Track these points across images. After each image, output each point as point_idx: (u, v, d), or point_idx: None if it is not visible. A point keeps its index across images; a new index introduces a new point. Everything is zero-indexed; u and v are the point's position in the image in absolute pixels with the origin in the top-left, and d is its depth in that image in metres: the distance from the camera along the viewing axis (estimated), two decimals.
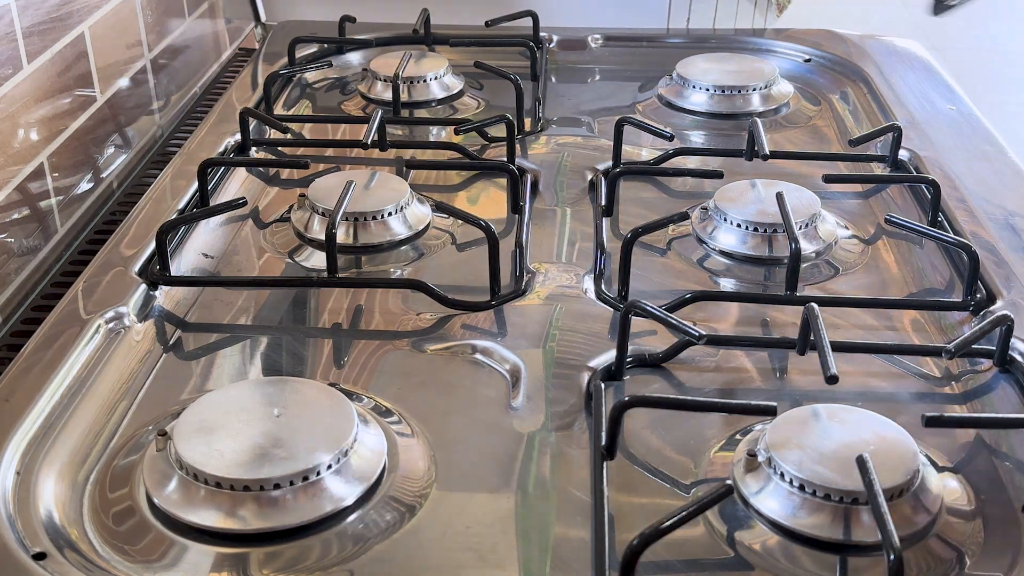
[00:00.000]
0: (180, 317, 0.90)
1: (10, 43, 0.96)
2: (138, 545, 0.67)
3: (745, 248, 0.98)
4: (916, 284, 0.96)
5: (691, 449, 0.75)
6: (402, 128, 1.25)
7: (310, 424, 0.71)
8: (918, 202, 1.08)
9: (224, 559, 0.66)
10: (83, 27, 1.09)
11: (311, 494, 0.68)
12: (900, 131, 1.14)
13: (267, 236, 1.02)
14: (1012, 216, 1.03)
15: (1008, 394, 0.81)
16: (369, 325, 0.90)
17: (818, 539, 0.66)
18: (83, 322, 0.84)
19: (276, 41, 1.46)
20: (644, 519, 0.67)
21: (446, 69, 1.35)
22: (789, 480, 0.68)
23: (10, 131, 0.96)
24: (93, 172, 1.12)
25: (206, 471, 0.67)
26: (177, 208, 1.03)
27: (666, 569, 0.65)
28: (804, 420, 0.72)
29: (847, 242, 1.02)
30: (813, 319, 0.77)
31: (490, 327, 0.89)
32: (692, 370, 0.84)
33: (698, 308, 0.90)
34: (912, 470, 0.68)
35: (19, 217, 0.98)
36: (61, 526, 0.68)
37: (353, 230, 0.99)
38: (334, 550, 0.66)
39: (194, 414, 0.72)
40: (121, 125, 1.20)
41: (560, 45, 1.48)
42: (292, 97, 1.35)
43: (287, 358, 0.86)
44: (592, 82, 1.42)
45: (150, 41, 1.27)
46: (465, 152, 1.15)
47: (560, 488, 0.72)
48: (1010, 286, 0.91)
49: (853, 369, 0.83)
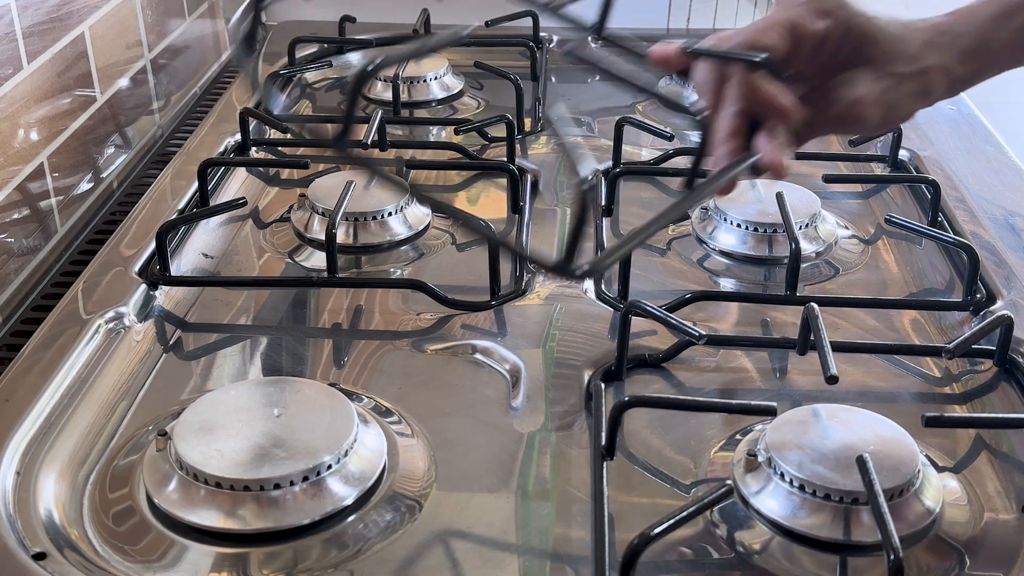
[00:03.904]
0: (180, 317, 0.90)
1: (10, 43, 0.96)
2: (138, 545, 0.67)
3: (745, 248, 0.98)
4: (916, 284, 0.96)
5: (691, 449, 0.75)
6: (402, 128, 1.25)
7: (310, 424, 0.71)
8: (918, 202, 1.08)
9: (224, 559, 0.66)
10: (83, 27, 1.09)
11: (311, 494, 0.68)
12: (900, 131, 1.14)
13: (267, 236, 1.02)
14: (1012, 216, 1.03)
15: (1008, 394, 0.81)
16: (369, 325, 0.90)
17: (818, 539, 0.66)
18: (83, 322, 0.84)
19: (276, 41, 1.46)
20: (644, 519, 0.67)
21: (446, 69, 1.35)
22: (789, 480, 0.68)
23: (10, 131, 0.96)
24: (93, 172, 1.12)
25: (206, 471, 0.67)
26: (177, 208, 1.03)
27: (666, 569, 0.65)
28: (804, 420, 0.72)
29: (847, 242, 1.02)
30: (813, 319, 0.77)
31: (490, 327, 0.89)
32: (692, 370, 0.84)
33: (698, 308, 0.90)
34: (912, 470, 0.68)
35: (19, 217, 0.98)
36: (61, 526, 0.68)
37: (353, 230, 0.99)
38: (334, 550, 0.66)
39: (194, 414, 0.72)
40: (121, 125, 1.20)
41: (560, 45, 1.48)
42: (292, 97, 1.35)
43: (287, 358, 0.86)
44: (592, 82, 1.42)
45: (150, 41, 1.27)
46: (465, 152, 1.15)
47: (560, 488, 0.72)
48: (1010, 286, 0.91)
49: (853, 369, 0.83)
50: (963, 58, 0.70)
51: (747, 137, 0.66)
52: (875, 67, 0.68)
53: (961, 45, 0.70)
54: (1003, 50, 0.71)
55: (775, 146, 0.65)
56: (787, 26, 0.65)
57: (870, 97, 0.67)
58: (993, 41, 0.71)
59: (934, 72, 0.69)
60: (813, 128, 0.69)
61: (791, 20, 0.65)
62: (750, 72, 0.65)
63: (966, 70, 0.71)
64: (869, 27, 0.68)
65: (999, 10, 0.71)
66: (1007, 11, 0.71)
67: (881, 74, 0.68)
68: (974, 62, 0.71)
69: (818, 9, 0.66)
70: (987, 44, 0.70)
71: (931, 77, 0.69)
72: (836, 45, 0.67)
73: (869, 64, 0.68)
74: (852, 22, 0.67)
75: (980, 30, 0.70)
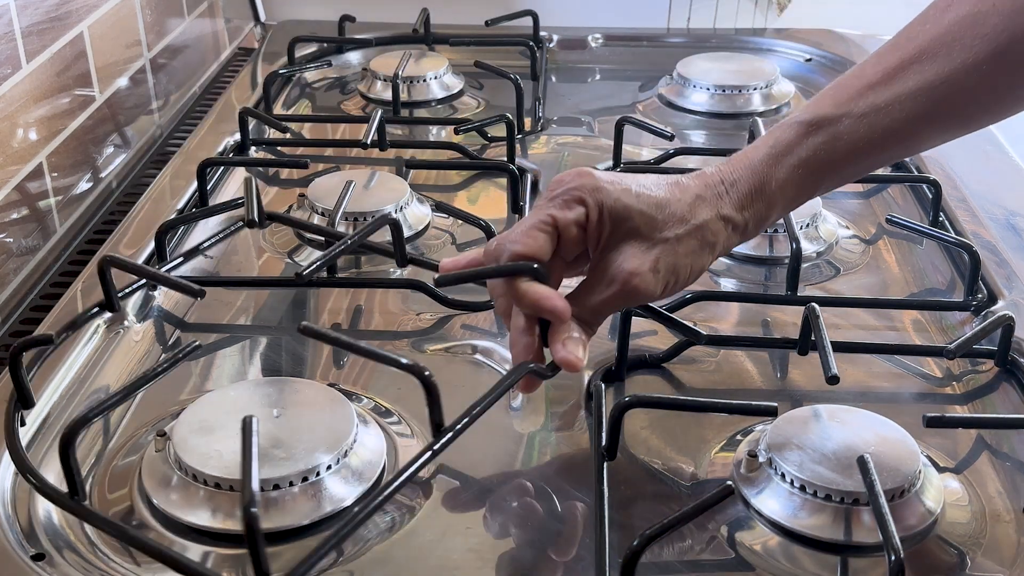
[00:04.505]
0: (179, 317, 0.90)
1: (9, 43, 0.96)
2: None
3: (745, 248, 0.98)
4: (917, 284, 0.96)
5: (691, 449, 0.75)
6: (402, 128, 1.25)
7: (310, 424, 0.71)
8: (919, 202, 1.08)
9: (224, 559, 0.66)
10: (82, 27, 1.09)
11: (311, 494, 0.67)
12: None
13: (267, 236, 1.02)
14: (1013, 216, 1.03)
15: (1009, 394, 0.81)
16: (369, 325, 0.90)
17: (819, 540, 0.66)
18: (83, 322, 0.84)
19: (276, 41, 1.46)
20: (644, 519, 0.67)
21: (446, 69, 1.35)
22: (790, 481, 0.68)
23: (9, 131, 0.96)
24: (92, 172, 1.12)
25: (205, 471, 0.67)
26: (176, 208, 1.03)
27: (666, 570, 0.65)
28: (805, 420, 0.72)
29: (848, 242, 1.01)
30: (814, 319, 0.76)
31: (490, 327, 0.88)
32: (692, 370, 0.84)
33: (698, 308, 0.90)
34: (913, 471, 0.68)
35: (18, 217, 0.97)
36: (60, 526, 0.68)
37: (353, 230, 0.99)
38: (334, 550, 0.66)
39: (193, 414, 0.72)
40: (120, 125, 1.20)
41: (560, 45, 1.48)
42: (292, 97, 1.35)
43: (287, 358, 0.86)
44: (592, 82, 1.42)
45: (149, 41, 1.27)
46: (465, 152, 1.15)
47: (560, 488, 0.71)
48: (1011, 286, 0.90)
49: (854, 369, 0.83)
50: (741, 204, 0.72)
51: (543, 331, 0.71)
52: (642, 238, 0.70)
53: (738, 191, 0.72)
54: (782, 189, 0.72)
55: (560, 345, 0.69)
56: (547, 222, 0.69)
57: (643, 268, 0.69)
58: (770, 181, 0.72)
59: (709, 225, 0.71)
60: (604, 305, 0.71)
61: (549, 216, 0.69)
62: (517, 280, 0.69)
63: (748, 215, 0.72)
64: (619, 206, 0.70)
65: (771, 151, 0.72)
66: (780, 151, 0.72)
67: (650, 244, 0.70)
68: (754, 206, 0.72)
69: (571, 200, 0.69)
70: (765, 185, 0.72)
71: (708, 230, 0.71)
72: (596, 227, 0.70)
73: (635, 237, 0.70)
74: (605, 205, 0.69)
75: (756, 173, 0.72)
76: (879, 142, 0.71)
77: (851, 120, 0.71)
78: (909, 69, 0.70)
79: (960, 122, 0.73)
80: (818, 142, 0.71)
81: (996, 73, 0.69)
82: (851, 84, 0.72)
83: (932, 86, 0.69)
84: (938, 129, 0.73)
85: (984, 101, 0.71)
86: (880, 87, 0.70)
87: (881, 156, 0.73)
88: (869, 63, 0.73)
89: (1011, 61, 0.69)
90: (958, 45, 0.69)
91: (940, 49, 0.69)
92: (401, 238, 0.89)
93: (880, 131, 0.70)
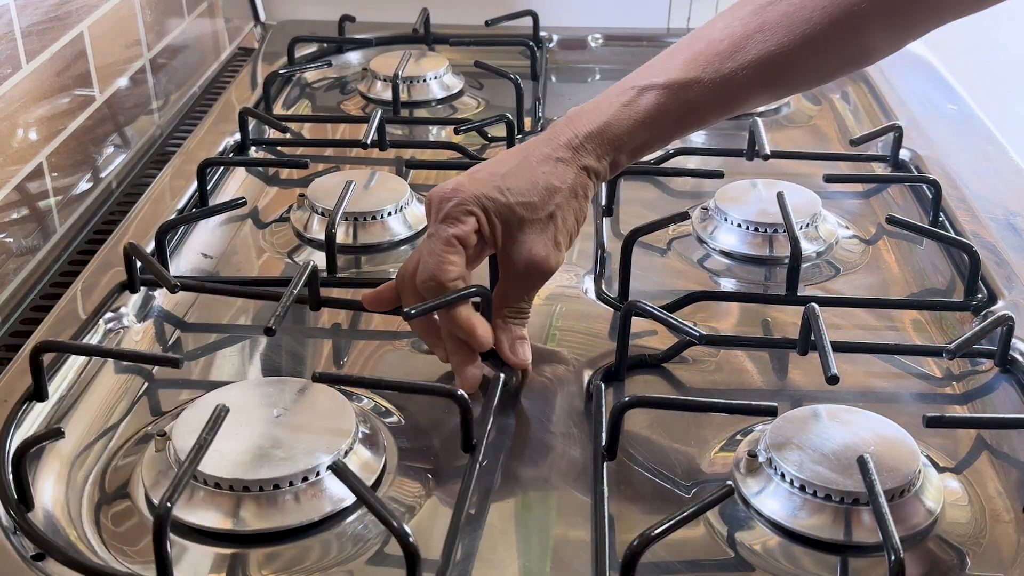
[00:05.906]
0: (179, 317, 0.90)
1: (9, 43, 0.96)
2: (137, 545, 0.67)
3: (745, 248, 0.98)
4: (917, 284, 0.96)
5: (691, 449, 0.75)
6: (402, 128, 1.25)
7: (310, 424, 0.71)
8: (919, 202, 1.08)
9: (223, 559, 0.66)
10: (82, 27, 1.09)
11: (311, 494, 0.67)
12: (901, 131, 1.14)
13: (266, 236, 1.02)
14: (1013, 216, 1.03)
15: (1009, 394, 0.81)
16: (369, 325, 0.90)
17: (819, 540, 0.66)
18: (82, 322, 0.84)
19: (275, 41, 1.46)
20: (644, 519, 0.67)
21: (446, 69, 1.35)
22: (790, 481, 0.68)
23: (9, 131, 0.96)
24: (92, 172, 1.12)
25: (205, 472, 0.67)
26: (176, 208, 1.03)
27: (666, 570, 0.65)
28: (805, 420, 0.72)
29: (848, 242, 1.01)
30: (814, 319, 0.76)
31: None
32: (692, 370, 0.84)
33: (698, 308, 0.90)
34: (913, 471, 0.68)
35: (18, 217, 0.97)
36: (60, 526, 0.68)
37: (353, 230, 0.99)
38: (334, 550, 0.66)
39: (193, 414, 0.72)
40: (120, 125, 1.20)
41: (560, 45, 1.48)
42: (291, 97, 1.35)
43: (287, 358, 0.86)
44: (592, 82, 1.42)
45: (149, 41, 1.27)
46: (465, 152, 1.15)
47: (560, 488, 0.71)
48: (1011, 286, 0.90)
49: (854, 369, 0.83)
50: (598, 154, 0.80)
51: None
52: (531, 223, 0.78)
53: (594, 143, 0.80)
54: (631, 137, 0.80)
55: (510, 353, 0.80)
56: (453, 244, 0.76)
57: (548, 248, 0.78)
58: (623, 133, 0.80)
59: (579, 180, 0.79)
60: (528, 292, 0.81)
61: (452, 237, 0.76)
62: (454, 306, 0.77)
63: (605, 163, 0.81)
64: (499, 205, 0.77)
65: (624, 108, 0.80)
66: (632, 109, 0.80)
67: (541, 224, 0.78)
68: (610, 155, 0.80)
69: (461, 213, 0.77)
70: (618, 137, 0.80)
71: (579, 185, 0.79)
72: (490, 229, 0.77)
73: (526, 225, 0.78)
74: (488, 208, 0.77)
75: (609, 126, 0.80)
76: (724, 105, 0.81)
77: (700, 86, 0.79)
78: (752, 38, 0.77)
79: (791, 88, 0.86)
80: (667, 103, 0.79)
81: (830, 43, 0.77)
82: (702, 51, 0.79)
83: (772, 55, 0.77)
84: (769, 94, 0.85)
85: (814, 69, 0.80)
86: (726, 56, 0.78)
87: (720, 117, 0.83)
88: (717, 29, 0.80)
89: (845, 30, 0.76)
90: (797, 17, 0.76)
91: (781, 21, 0.77)
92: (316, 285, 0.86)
93: (724, 96, 0.79)
